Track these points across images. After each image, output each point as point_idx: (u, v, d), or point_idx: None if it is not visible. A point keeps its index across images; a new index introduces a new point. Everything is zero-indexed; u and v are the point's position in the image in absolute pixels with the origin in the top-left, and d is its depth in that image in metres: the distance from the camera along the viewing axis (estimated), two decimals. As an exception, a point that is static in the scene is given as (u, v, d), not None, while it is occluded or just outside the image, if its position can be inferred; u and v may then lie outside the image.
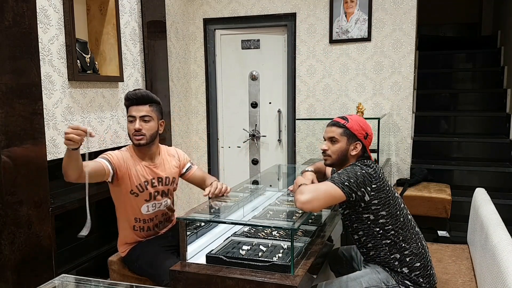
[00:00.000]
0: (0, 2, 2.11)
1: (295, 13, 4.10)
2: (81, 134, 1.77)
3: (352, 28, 3.95)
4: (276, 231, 2.14)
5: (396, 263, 1.94)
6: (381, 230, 1.93)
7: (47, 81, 2.55)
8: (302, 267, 1.82)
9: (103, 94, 3.04)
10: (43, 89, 2.49)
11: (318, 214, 2.40)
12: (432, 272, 1.99)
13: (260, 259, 1.81)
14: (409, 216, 2.03)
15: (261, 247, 1.96)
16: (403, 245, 1.93)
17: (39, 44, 2.41)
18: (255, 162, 4.51)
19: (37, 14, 2.39)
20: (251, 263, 1.80)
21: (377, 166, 1.97)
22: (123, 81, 3.20)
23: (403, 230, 1.95)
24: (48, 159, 2.44)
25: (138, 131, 2.22)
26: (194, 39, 4.41)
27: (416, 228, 2.04)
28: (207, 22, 4.36)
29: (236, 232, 2.16)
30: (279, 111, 4.34)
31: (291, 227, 1.87)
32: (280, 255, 1.87)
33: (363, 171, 1.89)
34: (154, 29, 3.56)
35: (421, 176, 3.89)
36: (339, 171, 1.95)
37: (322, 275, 2.31)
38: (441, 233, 3.22)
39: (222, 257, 1.84)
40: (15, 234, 2.19)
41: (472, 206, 2.73)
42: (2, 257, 2.16)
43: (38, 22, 2.44)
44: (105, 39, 3.06)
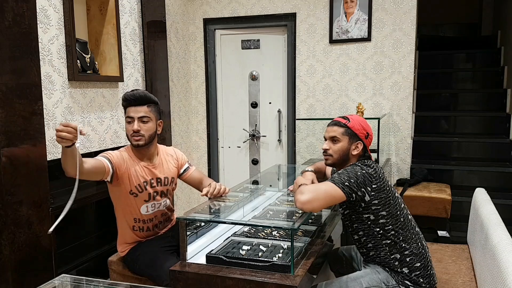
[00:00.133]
0: (0, 2, 2.11)
1: (295, 13, 4.10)
2: (72, 132, 1.75)
3: (352, 28, 3.95)
4: (276, 231, 2.14)
5: (396, 263, 1.94)
6: (381, 230, 1.93)
7: (47, 81, 2.56)
8: (302, 267, 1.82)
9: (103, 94, 3.04)
10: (43, 89, 2.49)
11: (318, 214, 2.40)
12: (432, 272, 1.99)
13: (260, 259, 1.81)
14: (409, 216, 2.03)
15: (261, 247, 1.96)
16: (403, 245, 1.93)
17: (39, 44, 2.41)
18: (255, 162, 4.51)
19: (37, 14, 2.39)
20: (251, 263, 1.80)
21: (378, 166, 1.97)
22: (123, 81, 3.20)
23: (403, 230, 1.95)
24: (48, 159, 2.44)
25: (137, 132, 2.22)
26: (194, 39, 4.41)
27: (416, 228, 2.04)
28: (207, 22, 4.36)
29: (236, 232, 2.16)
30: (279, 111, 4.34)
31: (291, 227, 1.87)
32: (280, 255, 1.87)
33: (364, 171, 1.89)
34: (154, 29, 3.55)
35: (421, 176, 3.89)
36: (339, 171, 1.95)
37: (322, 275, 2.31)
38: (441, 233, 3.23)
39: (222, 257, 1.84)
40: (15, 234, 2.19)
41: (472, 206, 2.73)
42: (2, 257, 2.16)
43: (38, 22, 2.44)
44: (105, 39, 3.06)
